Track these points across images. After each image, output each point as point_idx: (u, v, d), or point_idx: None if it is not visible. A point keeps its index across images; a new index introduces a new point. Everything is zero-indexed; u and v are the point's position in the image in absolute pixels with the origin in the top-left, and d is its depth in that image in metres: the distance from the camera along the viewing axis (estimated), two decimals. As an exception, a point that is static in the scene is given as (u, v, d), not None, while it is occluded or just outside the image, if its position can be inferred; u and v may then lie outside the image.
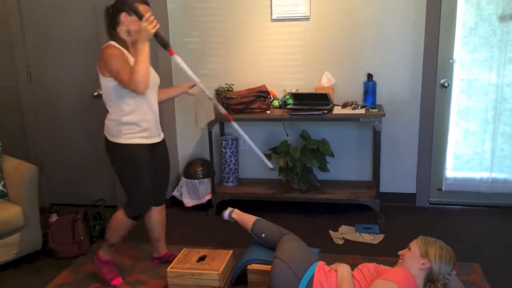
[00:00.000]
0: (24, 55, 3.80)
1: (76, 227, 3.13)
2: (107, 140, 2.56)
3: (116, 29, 2.48)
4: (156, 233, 2.86)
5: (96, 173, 3.96)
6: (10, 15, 3.72)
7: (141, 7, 2.43)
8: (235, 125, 2.79)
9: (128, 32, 2.47)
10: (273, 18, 3.60)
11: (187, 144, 3.99)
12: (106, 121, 2.55)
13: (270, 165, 2.99)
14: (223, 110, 2.79)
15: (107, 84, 2.45)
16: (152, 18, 2.33)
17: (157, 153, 2.65)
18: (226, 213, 2.83)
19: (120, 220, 2.58)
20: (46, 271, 2.91)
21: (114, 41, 2.48)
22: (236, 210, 2.82)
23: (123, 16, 2.45)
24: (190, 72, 2.56)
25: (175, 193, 3.85)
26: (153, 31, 2.33)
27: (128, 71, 2.33)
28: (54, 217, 3.34)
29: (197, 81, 2.64)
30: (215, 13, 3.67)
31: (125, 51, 2.45)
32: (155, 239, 2.88)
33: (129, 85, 2.33)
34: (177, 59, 2.50)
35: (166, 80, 3.76)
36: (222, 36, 3.71)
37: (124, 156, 2.50)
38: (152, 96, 2.56)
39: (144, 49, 2.32)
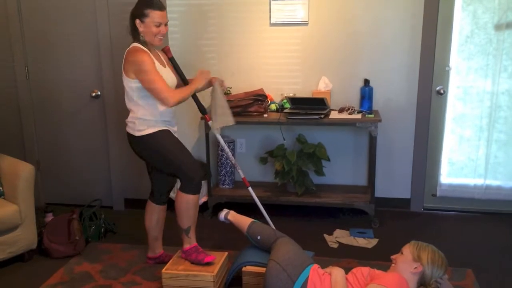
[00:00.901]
0: (22, 54, 3.81)
1: (72, 227, 3.14)
2: (135, 138, 2.62)
3: (137, 33, 2.57)
4: (155, 232, 2.88)
5: (93, 173, 3.96)
6: (9, 14, 3.73)
7: (156, 14, 2.51)
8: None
9: (142, 37, 2.56)
10: (271, 22, 3.62)
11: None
12: (130, 119, 2.63)
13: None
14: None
15: (131, 85, 2.54)
16: (208, 73, 2.71)
17: None
18: (222, 215, 2.85)
19: (185, 201, 2.61)
20: (41, 271, 2.91)
21: (138, 42, 2.57)
22: (232, 212, 2.84)
23: (137, 23, 2.54)
24: (222, 141, 3.03)
25: (171, 195, 3.84)
26: (207, 82, 2.69)
27: (162, 82, 2.47)
28: (49, 217, 3.35)
29: (226, 149, 3.08)
30: (213, 16, 3.69)
31: (149, 53, 2.55)
32: (153, 238, 2.89)
33: (159, 96, 2.47)
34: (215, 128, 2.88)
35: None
36: (221, 39, 3.73)
37: (158, 141, 2.59)
38: None
39: (194, 87, 2.60)
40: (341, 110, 3.47)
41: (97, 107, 3.83)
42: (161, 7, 2.55)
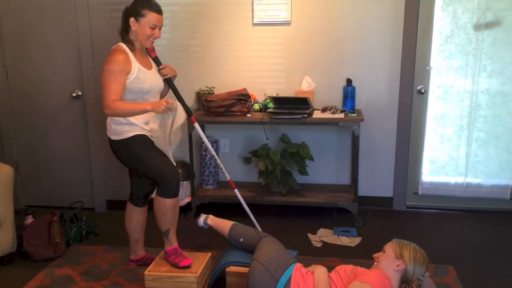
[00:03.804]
0: (1, 54, 3.73)
1: (52, 229, 3.09)
2: (111, 141, 2.58)
3: (128, 32, 2.52)
4: (136, 234, 2.84)
5: (74, 174, 3.91)
6: (-13, 13, 3.67)
7: (153, 16, 2.48)
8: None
9: (134, 36, 2.52)
10: (254, 22, 3.62)
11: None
12: (107, 122, 2.59)
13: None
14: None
15: None
16: (170, 106, 2.44)
17: None
18: (201, 220, 2.82)
19: (162, 205, 2.57)
20: (21, 274, 2.86)
21: (124, 43, 2.52)
22: (210, 216, 2.82)
23: (131, 21, 2.49)
24: (205, 139, 3.01)
25: (154, 195, 3.82)
26: (161, 112, 2.45)
27: (113, 89, 2.40)
28: (29, 219, 3.29)
29: (211, 151, 3.05)
30: (196, 16, 3.67)
31: (131, 55, 2.49)
32: (134, 241, 2.86)
33: (102, 101, 2.41)
34: (197, 126, 2.86)
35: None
36: (204, 39, 3.71)
37: (134, 146, 2.53)
38: (154, 101, 2.61)
39: (143, 108, 2.43)
40: (324, 110, 3.49)
41: (77, 108, 3.78)
42: (159, 11, 2.52)
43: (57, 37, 3.67)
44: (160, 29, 2.56)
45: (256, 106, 3.60)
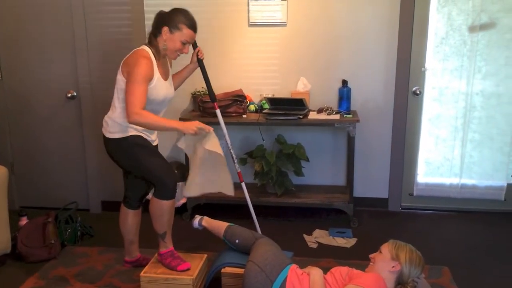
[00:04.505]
0: (-5, 54, 3.72)
1: (47, 231, 3.07)
2: (106, 139, 2.53)
3: (157, 37, 2.48)
4: (131, 236, 2.82)
5: (69, 175, 3.89)
6: (-19, 13, 3.65)
7: (188, 32, 2.46)
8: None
9: (164, 46, 2.48)
10: (250, 23, 3.62)
11: (162, 147, 3.95)
12: (105, 119, 2.54)
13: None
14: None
15: (122, 84, 2.44)
16: (199, 129, 2.41)
17: None
18: (196, 221, 2.81)
19: (159, 207, 2.53)
20: (16, 275, 2.84)
21: (149, 46, 2.47)
22: (205, 218, 2.80)
23: (164, 30, 2.45)
24: (223, 125, 2.94)
25: (149, 197, 3.81)
26: (192, 134, 2.42)
27: (139, 98, 2.31)
28: (24, 220, 3.28)
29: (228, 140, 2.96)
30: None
31: (154, 62, 2.45)
32: (129, 242, 2.84)
33: (127, 107, 2.31)
34: (218, 113, 2.88)
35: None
36: (199, 39, 3.68)
37: (130, 146, 2.49)
38: (162, 112, 2.61)
39: (171, 126, 2.37)
40: (319, 111, 3.49)
41: (73, 108, 3.76)
42: (195, 28, 2.51)
43: (52, 37, 3.66)
44: (189, 45, 2.54)
45: (252, 107, 3.59)
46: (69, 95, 3.72)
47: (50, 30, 3.65)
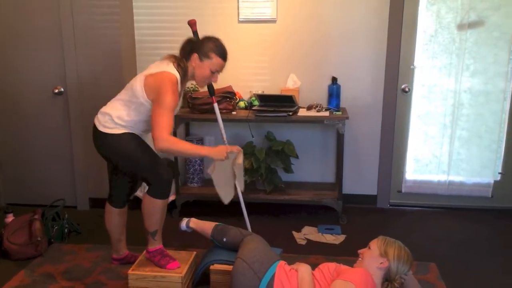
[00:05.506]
0: (-20, 49, 3.66)
1: (33, 228, 3.03)
2: (101, 134, 2.46)
3: (188, 60, 2.45)
4: (117, 234, 2.79)
5: (56, 172, 3.84)
6: (-34, 6, 3.58)
7: (219, 61, 2.44)
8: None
9: (193, 72, 2.46)
10: (240, 19, 3.60)
11: (151, 144, 3.93)
12: (102, 110, 2.49)
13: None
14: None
15: (141, 100, 2.39)
16: (229, 153, 2.38)
17: None
18: (183, 224, 2.79)
19: (152, 205, 2.49)
20: (1, 273, 2.80)
21: (179, 70, 2.41)
22: (193, 219, 2.79)
23: (194, 57, 2.43)
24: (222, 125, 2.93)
25: (138, 194, 3.78)
26: (221, 160, 2.38)
27: (169, 124, 2.28)
28: (10, 217, 3.24)
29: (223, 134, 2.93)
30: (181, 12, 3.64)
31: (179, 86, 2.40)
32: (116, 240, 2.82)
33: (155, 130, 2.27)
34: (216, 107, 2.87)
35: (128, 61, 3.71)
36: (189, 35, 3.67)
37: (125, 143, 2.44)
38: None
39: (198, 153, 2.38)
40: (309, 108, 3.49)
41: (60, 104, 3.72)
42: (226, 58, 2.49)
43: (39, 33, 3.60)
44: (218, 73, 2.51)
45: (242, 104, 3.58)
46: (56, 91, 3.67)
47: (36, 24, 3.58)
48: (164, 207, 2.55)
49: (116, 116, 2.45)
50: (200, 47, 2.44)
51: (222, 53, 2.47)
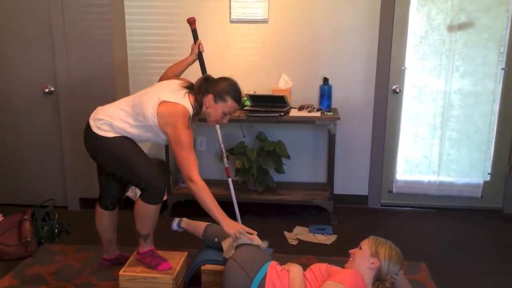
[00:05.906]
0: (-31, 48, 3.62)
1: (23, 228, 3.01)
2: (92, 133, 2.42)
3: (204, 97, 2.42)
4: (107, 235, 2.77)
5: (46, 172, 3.81)
6: (-46, 4, 3.53)
7: (233, 105, 2.42)
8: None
9: (206, 113, 2.44)
10: (232, 19, 3.60)
11: (142, 143, 3.91)
12: (99, 112, 2.45)
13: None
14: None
15: (151, 125, 2.36)
16: (242, 235, 2.32)
17: None
18: (175, 224, 2.79)
19: (145, 210, 2.47)
20: (-11, 274, 2.78)
21: (195, 104, 2.39)
22: (184, 219, 2.79)
23: (209, 98, 2.40)
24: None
25: (129, 194, 3.77)
26: (231, 235, 2.33)
27: (194, 162, 2.31)
28: (-1, 218, 3.21)
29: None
30: (173, 12, 3.63)
31: (190, 117, 2.39)
32: (107, 241, 2.80)
33: (188, 173, 2.30)
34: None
35: (120, 61, 3.69)
36: (180, 35, 3.67)
37: (119, 147, 2.41)
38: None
39: (216, 214, 2.32)
40: (301, 108, 3.50)
41: (50, 104, 3.69)
42: (240, 102, 2.48)
43: (29, 32, 3.56)
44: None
45: (233, 104, 3.57)
46: (47, 90, 3.64)
47: (26, 22, 3.55)
48: (156, 212, 2.53)
49: (116, 126, 2.41)
50: (216, 89, 2.41)
51: (238, 98, 2.45)
